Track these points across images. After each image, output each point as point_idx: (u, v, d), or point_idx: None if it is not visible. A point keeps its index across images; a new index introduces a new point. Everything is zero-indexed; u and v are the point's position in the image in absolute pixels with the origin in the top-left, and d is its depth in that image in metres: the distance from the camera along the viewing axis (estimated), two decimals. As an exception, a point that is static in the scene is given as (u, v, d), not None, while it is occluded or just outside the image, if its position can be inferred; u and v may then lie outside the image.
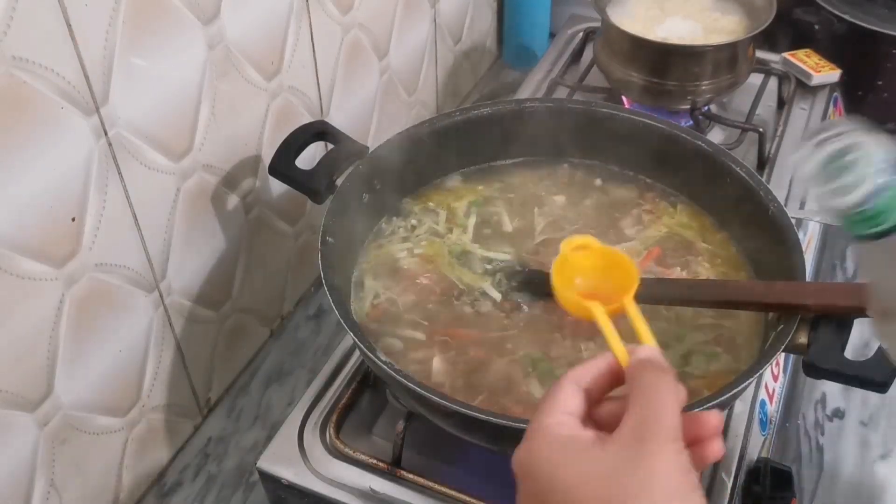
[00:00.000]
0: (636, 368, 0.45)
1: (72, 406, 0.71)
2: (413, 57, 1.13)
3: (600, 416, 0.46)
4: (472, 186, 0.86)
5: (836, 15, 1.20)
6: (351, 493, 0.69)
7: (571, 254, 0.58)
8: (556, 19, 1.34)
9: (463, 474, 0.70)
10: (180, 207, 0.77)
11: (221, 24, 0.75)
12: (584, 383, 0.46)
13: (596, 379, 0.47)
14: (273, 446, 0.72)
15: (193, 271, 0.82)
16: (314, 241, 0.71)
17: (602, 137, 0.85)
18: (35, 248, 0.62)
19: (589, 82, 1.12)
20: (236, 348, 0.93)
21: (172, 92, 0.72)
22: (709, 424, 0.45)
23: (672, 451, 0.41)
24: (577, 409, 0.45)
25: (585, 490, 0.41)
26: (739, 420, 0.74)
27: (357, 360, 0.78)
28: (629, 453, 0.41)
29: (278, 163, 0.78)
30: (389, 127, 1.09)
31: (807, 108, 1.10)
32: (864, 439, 0.88)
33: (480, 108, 0.84)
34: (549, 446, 0.43)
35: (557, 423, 0.44)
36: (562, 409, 0.45)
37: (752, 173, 0.77)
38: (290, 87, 0.87)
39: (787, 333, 0.63)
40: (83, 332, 0.70)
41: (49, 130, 0.61)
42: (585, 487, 0.41)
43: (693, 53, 1.01)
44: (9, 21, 0.55)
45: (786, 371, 0.87)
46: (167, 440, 0.85)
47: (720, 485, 0.69)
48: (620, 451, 0.41)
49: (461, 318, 0.73)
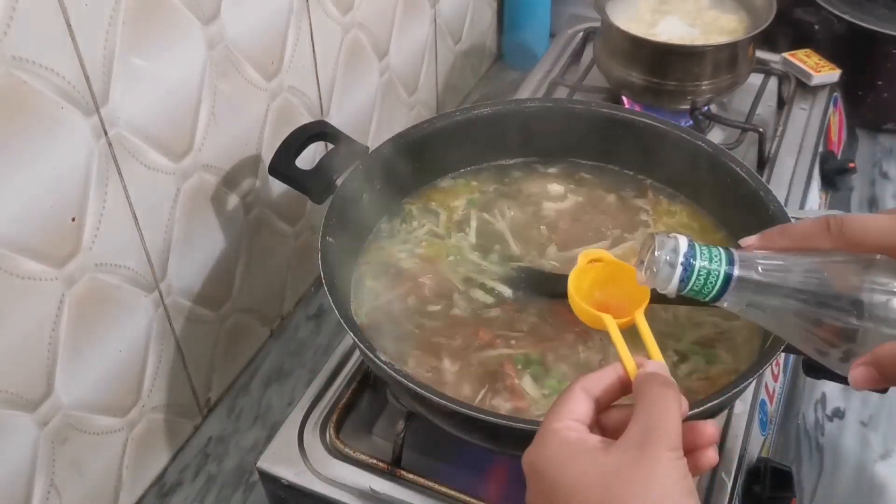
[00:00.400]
0: (643, 380, 0.49)
1: (72, 406, 0.71)
2: (413, 57, 1.13)
3: (607, 423, 0.50)
4: (472, 187, 0.86)
5: (836, 15, 1.20)
6: (351, 493, 0.69)
7: (587, 266, 0.62)
8: (556, 19, 1.34)
9: (463, 474, 0.70)
10: (180, 207, 0.77)
11: (221, 24, 0.75)
12: (594, 391, 0.49)
13: (605, 388, 0.50)
14: (273, 446, 0.72)
15: (193, 271, 0.82)
16: (314, 241, 0.71)
17: (602, 137, 0.85)
18: (35, 248, 0.62)
19: (589, 82, 1.12)
20: (236, 348, 0.93)
21: (172, 92, 0.72)
22: (705, 434, 0.49)
23: (670, 458, 0.44)
24: (586, 415, 0.48)
25: (587, 489, 0.44)
26: (739, 420, 0.74)
27: (357, 360, 0.78)
28: (630, 457, 0.44)
29: (278, 163, 0.78)
30: (389, 127, 1.09)
31: (807, 108, 1.10)
32: (864, 439, 0.88)
33: (480, 108, 0.84)
34: (557, 448, 0.46)
35: (566, 427, 0.47)
36: (571, 414, 0.48)
37: (752, 173, 0.77)
38: (290, 87, 0.87)
39: (787, 333, 0.63)
40: (83, 332, 0.70)
41: (49, 130, 0.61)
42: (587, 487, 0.44)
43: (693, 53, 1.01)
44: (9, 21, 0.55)
45: (786, 371, 0.87)
46: (167, 440, 0.85)
47: (720, 485, 0.69)
48: (622, 455, 0.44)
49: (461, 318, 0.73)
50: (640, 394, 0.48)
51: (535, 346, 0.70)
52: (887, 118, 1.26)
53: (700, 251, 0.53)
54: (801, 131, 1.06)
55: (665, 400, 0.47)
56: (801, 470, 0.86)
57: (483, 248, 0.79)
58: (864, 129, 1.26)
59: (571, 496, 0.44)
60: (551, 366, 0.69)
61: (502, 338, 0.71)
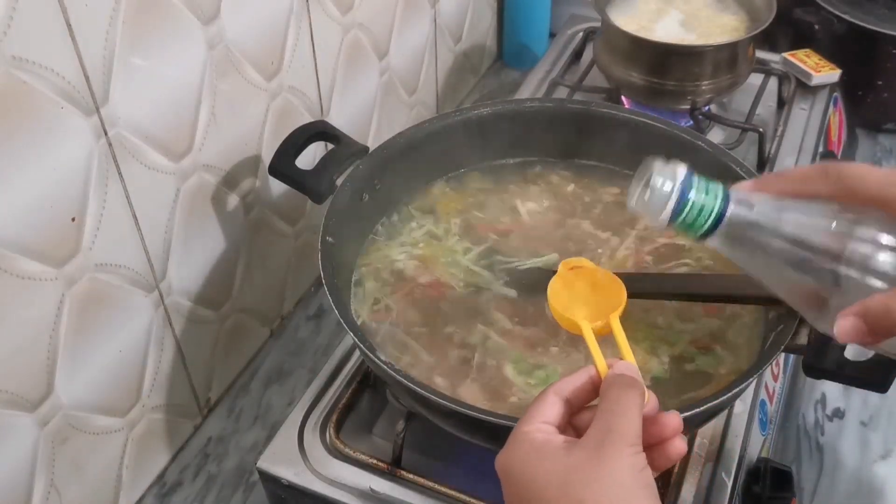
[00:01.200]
0: (608, 381, 0.51)
1: (72, 406, 0.71)
2: (413, 57, 1.13)
3: (580, 424, 0.52)
4: (472, 187, 0.86)
5: (836, 15, 1.20)
6: (351, 493, 0.69)
7: (567, 273, 0.63)
8: (556, 19, 1.34)
9: (463, 474, 0.70)
10: (180, 207, 0.77)
11: (221, 24, 0.75)
12: (565, 394, 0.51)
13: (577, 390, 0.52)
14: (273, 446, 0.72)
15: (193, 271, 0.82)
16: (314, 241, 0.71)
17: (602, 137, 0.85)
18: (35, 248, 0.62)
19: (589, 82, 1.12)
20: (236, 348, 0.93)
21: (172, 92, 0.72)
22: (670, 425, 0.50)
23: (628, 454, 0.46)
24: (555, 418, 0.50)
25: (550, 487, 0.46)
26: (739, 420, 0.74)
27: (357, 360, 0.78)
28: (588, 455, 0.46)
29: (278, 163, 0.78)
30: (389, 127, 1.09)
31: (807, 108, 1.10)
32: (864, 439, 0.88)
33: (480, 108, 0.84)
34: (525, 451, 0.48)
35: (535, 429, 0.49)
36: (541, 417, 0.50)
37: (752, 173, 0.77)
38: (290, 87, 0.87)
39: (787, 333, 0.63)
40: (83, 332, 0.70)
41: (49, 130, 0.61)
42: (549, 483, 0.46)
43: (693, 53, 1.01)
44: (9, 21, 0.55)
45: (786, 371, 0.87)
46: (167, 440, 0.85)
47: (720, 485, 0.69)
48: (582, 452, 0.47)
49: (461, 318, 0.73)
50: (603, 394, 0.50)
51: (531, 347, 0.70)
52: (887, 118, 1.26)
53: (697, 183, 0.51)
54: (801, 131, 1.06)
55: (626, 398, 0.49)
56: (801, 470, 0.86)
57: (482, 248, 0.79)
58: (864, 129, 1.26)
59: (539, 494, 0.46)
60: (546, 365, 0.69)
61: (500, 337, 0.71)
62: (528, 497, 0.47)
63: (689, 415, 0.59)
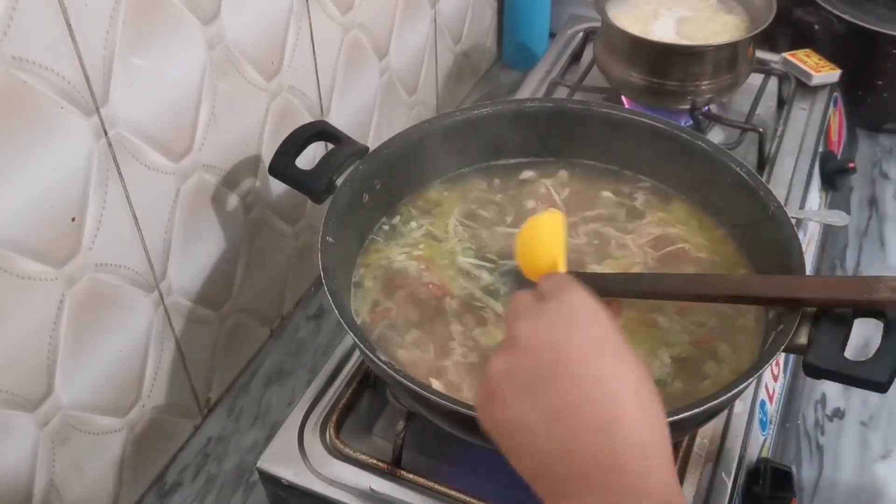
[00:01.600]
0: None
1: (72, 406, 0.71)
2: (413, 57, 1.13)
3: None
4: (473, 186, 0.86)
5: (836, 15, 1.20)
6: (351, 493, 0.69)
7: (524, 230, 0.70)
8: (556, 19, 1.34)
9: (463, 474, 0.70)
10: (180, 207, 0.77)
11: (221, 24, 0.75)
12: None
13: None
14: (273, 446, 0.72)
15: (193, 271, 0.82)
16: (314, 241, 0.71)
17: (602, 137, 0.85)
18: (35, 248, 0.62)
19: (589, 82, 1.12)
20: (236, 348, 0.93)
21: (172, 92, 0.72)
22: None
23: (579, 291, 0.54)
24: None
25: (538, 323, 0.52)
26: (739, 420, 0.74)
27: (357, 360, 0.78)
28: (553, 294, 0.54)
29: (278, 163, 0.78)
30: (389, 127, 1.09)
31: (807, 108, 1.10)
32: (864, 439, 0.88)
33: (480, 108, 0.84)
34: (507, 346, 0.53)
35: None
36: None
37: (752, 173, 0.77)
38: (290, 87, 0.87)
39: (787, 333, 0.63)
40: (83, 332, 0.70)
41: (49, 130, 0.61)
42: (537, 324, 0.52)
43: (693, 53, 1.01)
44: (9, 21, 0.55)
45: (786, 371, 0.87)
46: (167, 440, 0.85)
47: (720, 485, 0.69)
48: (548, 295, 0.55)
49: (460, 318, 0.73)
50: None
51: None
52: (887, 118, 1.26)
53: None
54: (801, 131, 1.07)
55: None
56: (801, 470, 0.86)
57: (481, 248, 0.79)
58: (864, 129, 1.26)
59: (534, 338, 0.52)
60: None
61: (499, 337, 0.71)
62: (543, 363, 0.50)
63: (689, 415, 0.59)
